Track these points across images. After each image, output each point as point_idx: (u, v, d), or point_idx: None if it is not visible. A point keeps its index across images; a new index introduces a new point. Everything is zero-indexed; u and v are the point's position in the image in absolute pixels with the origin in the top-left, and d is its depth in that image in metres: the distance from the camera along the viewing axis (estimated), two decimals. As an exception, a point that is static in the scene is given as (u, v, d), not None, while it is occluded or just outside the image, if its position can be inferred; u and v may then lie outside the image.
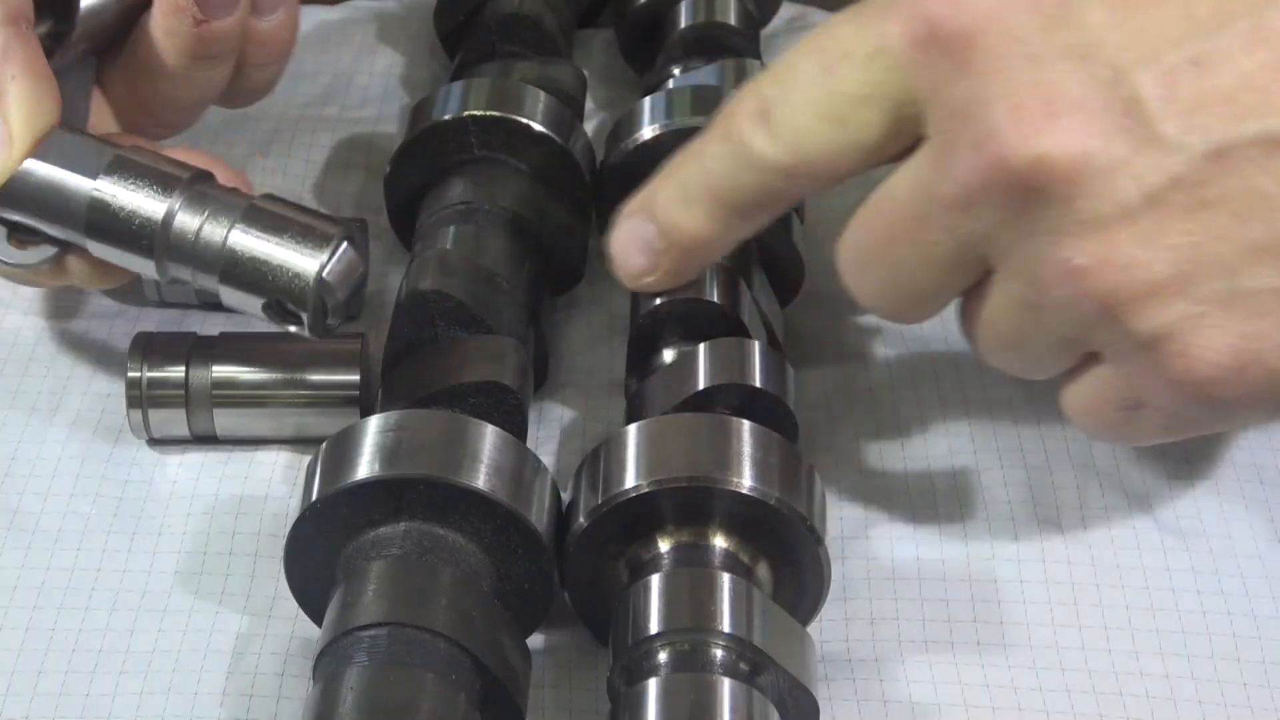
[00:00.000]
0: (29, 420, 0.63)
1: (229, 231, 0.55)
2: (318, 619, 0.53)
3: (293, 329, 0.56)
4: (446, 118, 0.65)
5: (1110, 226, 0.44)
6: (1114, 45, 0.44)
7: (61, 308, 0.68)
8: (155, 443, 0.62)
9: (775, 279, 0.64)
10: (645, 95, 0.68)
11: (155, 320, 0.67)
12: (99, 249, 0.57)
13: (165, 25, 0.59)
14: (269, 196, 0.57)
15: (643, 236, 0.55)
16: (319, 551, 0.52)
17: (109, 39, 0.61)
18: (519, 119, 0.65)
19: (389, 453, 0.51)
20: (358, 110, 0.79)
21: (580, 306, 0.69)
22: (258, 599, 0.57)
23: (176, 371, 0.61)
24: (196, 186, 0.56)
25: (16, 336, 0.67)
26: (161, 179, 0.56)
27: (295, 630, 0.56)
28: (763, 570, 0.53)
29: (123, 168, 0.56)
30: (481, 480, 0.51)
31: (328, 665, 0.48)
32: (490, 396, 0.57)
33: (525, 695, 0.51)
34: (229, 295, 0.56)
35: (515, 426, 0.57)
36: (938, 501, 0.61)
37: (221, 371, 0.61)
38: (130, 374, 0.61)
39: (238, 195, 0.57)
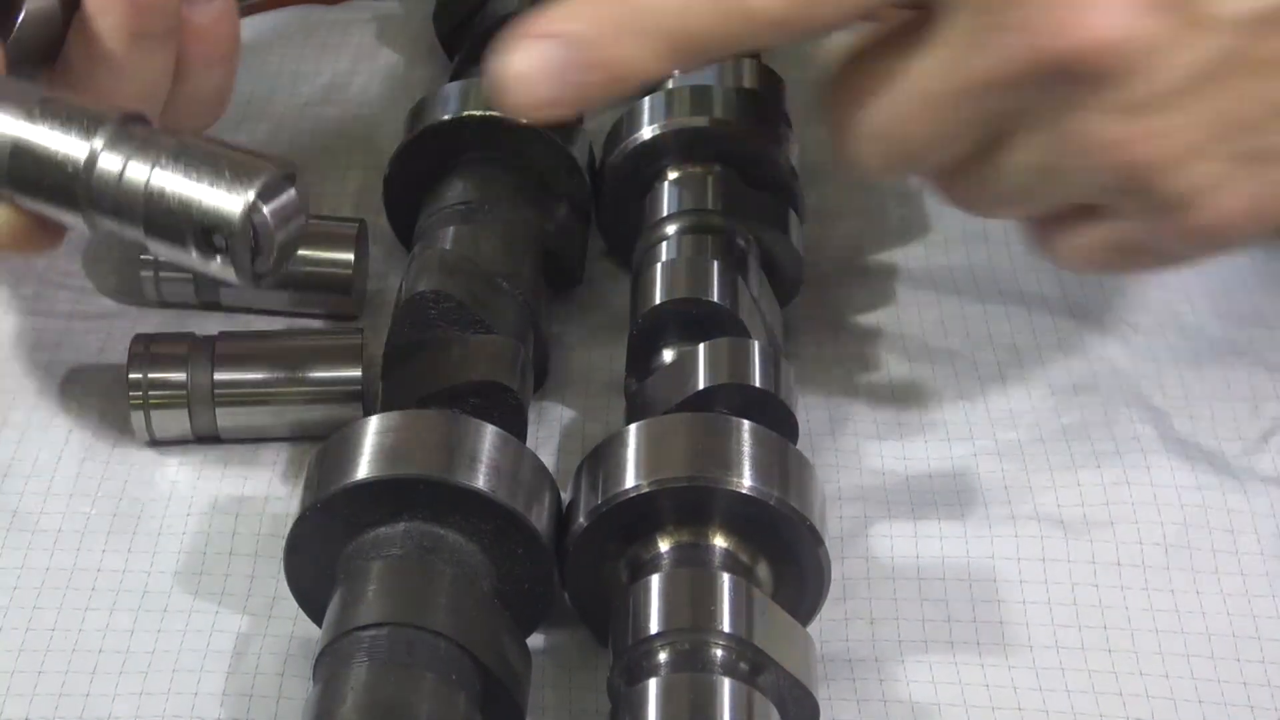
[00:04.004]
0: (29, 420, 0.63)
1: (153, 169, 0.50)
2: (318, 619, 0.53)
3: (217, 264, 0.50)
4: (446, 118, 0.65)
5: (1151, 104, 0.45)
6: None
7: (62, 308, 0.68)
8: (155, 443, 0.62)
9: (775, 279, 0.64)
10: (644, 95, 0.68)
11: (155, 320, 0.67)
12: (25, 200, 0.52)
13: (98, 1, 0.57)
14: (206, 137, 0.52)
15: (558, 63, 0.48)
16: (319, 551, 0.52)
17: (50, 48, 0.59)
18: (519, 118, 0.65)
19: (389, 453, 0.51)
20: (358, 110, 0.79)
21: (580, 306, 0.69)
22: (258, 599, 0.57)
23: (177, 373, 0.61)
24: (125, 127, 0.51)
25: (16, 336, 0.67)
26: (89, 119, 0.51)
27: (295, 630, 0.56)
28: (763, 570, 0.53)
29: (52, 109, 0.51)
30: (481, 480, 0.51)
31: (328, 665, 0.48)
32: (490, 396, 0.57)
33: (525, 695, 0.51)
34: (155, 242, 0.50)
35: (515, 426, 0.57)
36: (938, 501, 0.61)
37: (223, 371, 0.61)
38: (131, 376, 0.61)
39: (168, 133, 0.51)
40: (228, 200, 0.49)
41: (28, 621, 0.56)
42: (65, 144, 0.50)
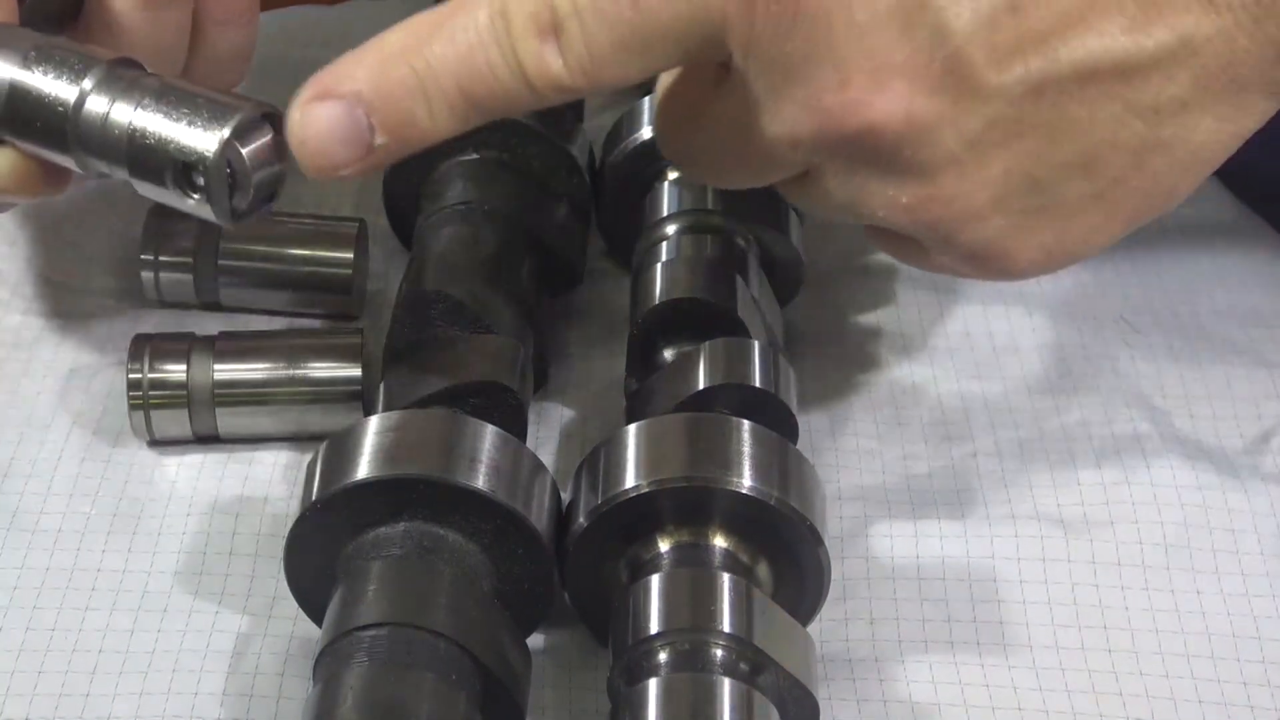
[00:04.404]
0: (29, 420, 0.63)
1: (135, 109, 0.51)
2: (318, 619, 0.53)
3: (194, 201, 0.51)
4: (446, 118, 0.65)
5: (934, 171, 0.47)
6: (935, 5, 0.45)
7: (61, 308, 0.68)
8: (155, 443, 0.62)
9: (775, 279, 0.64)
10: (644, 95, 0.68)
11: (155, 320, 0.67)
12: (23, 143, 0.54)
13: None
14: (190, 81, 0.53)
15: (353, 127, 0.48)
16: (319, 551, 0.52)
17: (69, 10, 0.60)
18: (519, 119, 0.65)
19: (389, 453, 0.51)
20: (358, 110, 0.79)
21: (580, 306, 0.69)
22: (258, 599, 0.57)
23: (177, 372, 0.61)
24: (114, 70, 0.52)
25: (16, 336, 0.67)
26: (82, 62, 0.53)
27: (295, 630, 0.56)
28: (763, 570, 0.53)
29: (46, 55, 0.53)
30: (481, 480, 0.51)
31: (328, 665, 0.48)
32: (490, 396, 0.57)
33: (525, 695, 0.51)
34: (139, 181, 0.52)
35: (515, 426, 0.57)
36: (938, 501, 0.61)
37: (223, 371, 0.61)
38: (131, 376, 0.61)
39: (154, 77, 0.53)
40: (203, 138, 0.50)
41: (28, 621, 0.56)
42: (57, 87, 0.52)
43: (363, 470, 0.51)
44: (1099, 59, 0.45)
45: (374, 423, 0.53)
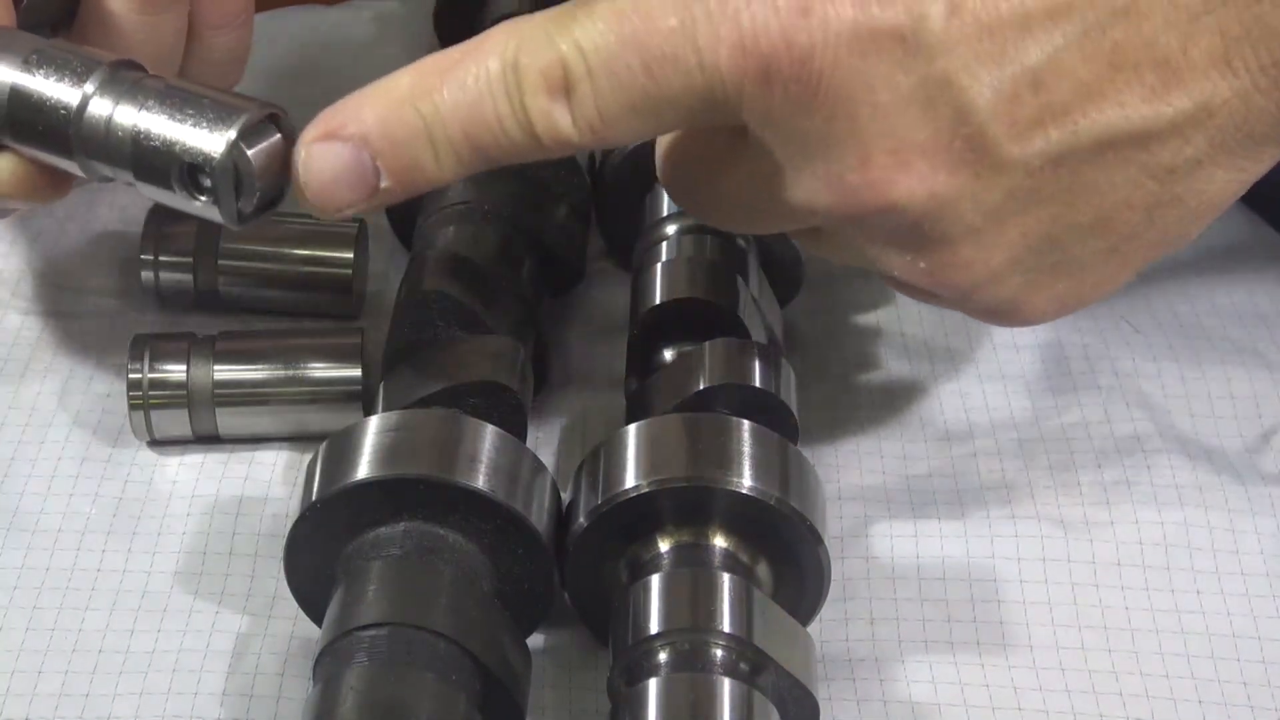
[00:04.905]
0: (29, 420, 0.63)
1: (139, 111, 0.51)
2: (318, 619, 0.53)
3: (201, 203, 0.51)
4: (446, 118, 0.65)
5: (953, 240, 0.47)
6: (958, 84, 0.44)
7: (62, 308, 0.68)
8: (155, 443, 0.62)
9: (775, 279, 0.64)
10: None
11: (155, 320, 0.67)
12: (24, 148, 0.53)
13: None
14: (193, 81, 0.53)
15: (358, 170, 0.48)
16: (319, 551, 0.52)
17: (65, 11, 0.60)
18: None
19: (389, 453, 0.51)
20: (358, 110, 0.79)
21: (580, 306, 0.69)
22: (258, 599, 0.57)
23: (177, 372, 0.61)
24: (115, 72, 0.52)
25: (16, 336, 0.67)
26: (83, 65, 0.52)
27: (295, 630, 0.56)
28: (763, 570, 0.53)
29: (47, 58, 0.52)
30: (481, 480, 0.51)
31: (328, 665, 0.48)
32: (490, 396, 0.57)
33: (525, 695, 0.51)
34: (144, 184, 0.52)
35: (515, 426, 0.57)
36: (938, 501, 0.61)
37: (223, 371, 0.61)
38: (131, 376, 0.61)
39: (157, 78, 0.52)
40: (210, 139, 0.49)
41: (28, 621, 0.56)
42: (59, 90, 0.52)
43: (363, 470, 0.51)
44: (1119, 129, 0.45)
45: (374, 423, 0.53)
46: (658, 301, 0.60)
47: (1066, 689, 0.55)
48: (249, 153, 0.50)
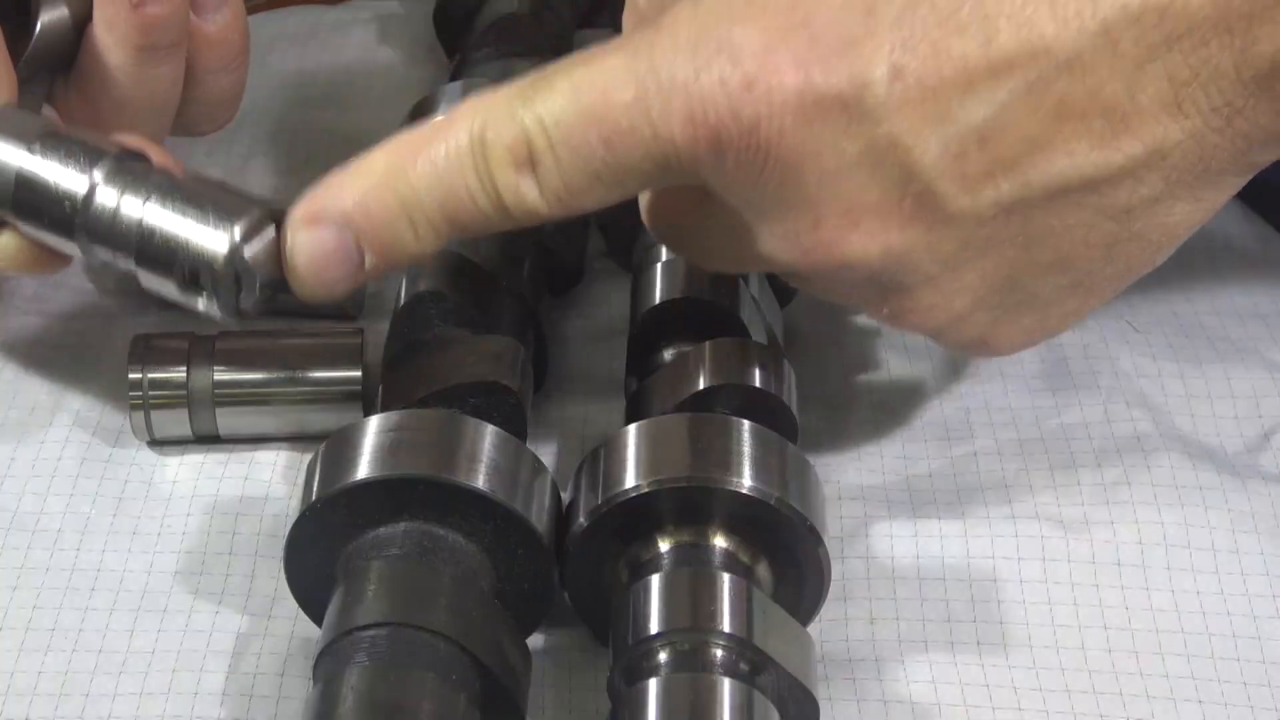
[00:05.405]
0: (29, 420, 0.63)
1: (145, 204, 0.52)
2: (318, 619, 0.53)
3: (202, 301, 0.53)
4: (446, 118, 0.65)
5: (912, 288, 0.49)
6: (904, 145, 0.45)
7: (61, 308, 0.68)
8: (155, 443, 0.62)
9: (775, 279, 0.64)
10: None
11: (155, 320, 0.67)
12: (26, 227, 0.55)
13: (105, 17, 0.59)
14: (197, 176, 0.54)
15: (343, 251, 0.50)
16: (319, 551, 0.52)
17: (65, 58, 0.60)
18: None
19: (389, 453, 0.51)
20: (358, 110, 0.79)
21: (580, 306, 0.69)
22: (258, 599, 0.57)
23: (178, 372, 0.61)
24: (123, 162, 0.54)
25: (16, 336, 0.67)
26: (89, 154, 0.54)
27: (295, 630, 0.56)
28: (763, 570, 0.53)
29: (54, 143, 0.54)
30: (481, 480, 0.51)
31: (328, 665, 0.48)
32: (490, 396, 0.57)
33: (525, 695, 0.51)
34: (145, 276, 0.53)
35: (515, 426, 0.57)
36: (938, 501, 0.61)
37: (223, 371, 0.61)
38: (131, 376, 0.61)
39: (162, 173, 0.54)
40: (213, 242, 0.51)
41: (28, 621, 0.56)
42: (65, 178, 0.53)
43: (363, 470, 0.51)
44: (1068, 177, 0.46)
45: (374, 423, 0.53)
46: (658, 301, 0.60)
47: (1066, 689, 0.55)
48: (248, 255, 0.51)
